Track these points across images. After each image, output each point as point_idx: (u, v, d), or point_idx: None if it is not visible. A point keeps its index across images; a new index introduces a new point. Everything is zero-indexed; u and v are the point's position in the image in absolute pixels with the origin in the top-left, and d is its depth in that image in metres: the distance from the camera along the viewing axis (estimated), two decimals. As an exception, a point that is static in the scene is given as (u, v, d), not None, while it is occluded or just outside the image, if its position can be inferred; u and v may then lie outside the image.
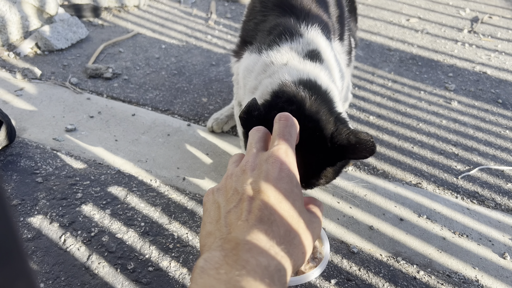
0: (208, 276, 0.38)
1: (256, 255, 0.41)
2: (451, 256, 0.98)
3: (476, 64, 1.92)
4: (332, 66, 0.93)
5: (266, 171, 0.49)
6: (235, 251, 0.41)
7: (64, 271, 0.87)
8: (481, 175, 1.24)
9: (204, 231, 0.48)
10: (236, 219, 0.46)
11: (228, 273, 0.38)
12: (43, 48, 1.72)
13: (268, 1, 1.00)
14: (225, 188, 0.51)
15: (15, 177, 1.08)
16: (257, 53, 0.93)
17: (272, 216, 0.45)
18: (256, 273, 0.39)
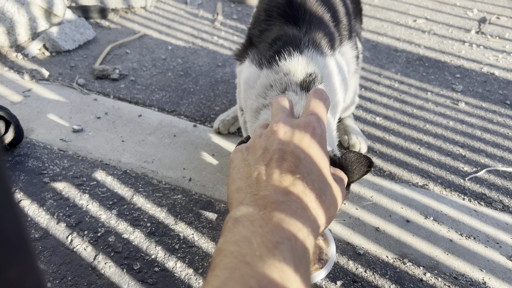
0: (243, 227, 0.39)
1: (292, 212, 0.42)
2: (458, 258, 0.97)
3: (484, 65, 1.90)
4: (332, 89, 0.90)
5: (299, 134, 0.50)
6: (271, 207, 0.41)
7: (71, 271, 0.87)
8: (489, 177, 1.24)
9: (234, 186, 0.49)
10: (267, 176, 0.46)
11: (263, 225, 0.39)
12: (50, 49, 1.73)
13: (273, 10, 0.98)
14: (254, 147, 0.52)
15: (22, 177, 1.09)
16: (257, 66, 0.91)
17: (306, 177, 0.46)
18: (294, 224, 0.40)
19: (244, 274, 0.34)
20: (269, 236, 0.38)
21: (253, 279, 0.34)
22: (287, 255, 0.37)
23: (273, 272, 0.35)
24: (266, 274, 0.34)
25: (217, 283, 0.35)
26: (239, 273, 0.35)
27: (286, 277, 0.35)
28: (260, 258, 0.35)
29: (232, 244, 0.38)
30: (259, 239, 0.37)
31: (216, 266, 0.37)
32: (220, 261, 0.37)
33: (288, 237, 0.39)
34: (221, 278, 0.35)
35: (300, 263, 0.38)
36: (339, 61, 0.99)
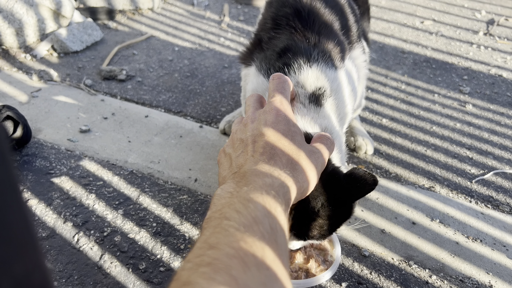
0: (224, 199, 0.47)
1: (262, 176, 0.50)
2: (465, 261, 0.96)
3: (492, 67, 1.89)
4: (341, 102, 0.89)
5: (264, 119, 0.58)
6: (244, 178, 0.50)
7: (77, 270, 0.88)
8: (496, 179, 1.23)
9: (220, 178, 0.57)
10: (244, 159, 0.55)
11: (238, 191, 0.47)
12: (58, 50, 1.75)
13: (281, 19, 0.95)
14: (232, 141, 0.61)
15: (30, 177, 1.10)
16: (265, 77, 0.90)
17: (273, 150, 0.54)
18: (262, 188, 0.47)
19: (224, 226, 0.42)
20: (244, 195, 0.46)
21: (232, 227, 0.41)
22: (259, 201, 0.46)
23: (247, 218, 0.43)
24: (242, 221, 0.42)
25: (202, 240, 0.41)
26: (220, 226, 0.42)
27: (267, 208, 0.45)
28: (237, 212, 0.44)
29: (215, 212, 0.46)
30: (236, 199, 0.46)
31: (203, 230, 0.45)
32: (206, 226, 0.45)
33: (257, 195, 0.47)
34: (205, 236, 0.42)
35: (277, 196, 0.47)
36: (348, 71, 0.98)
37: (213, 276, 0.35)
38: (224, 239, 0.40)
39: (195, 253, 0.40)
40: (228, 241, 0.39)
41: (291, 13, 0.94)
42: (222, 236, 0.40)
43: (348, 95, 0.93)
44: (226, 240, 0.40)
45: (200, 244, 0.41)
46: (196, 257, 0.39)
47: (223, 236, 0.40)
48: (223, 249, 0.38)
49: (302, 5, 0.94)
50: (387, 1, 2.65)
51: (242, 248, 0.39)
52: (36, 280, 0.22)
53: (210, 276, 0.35)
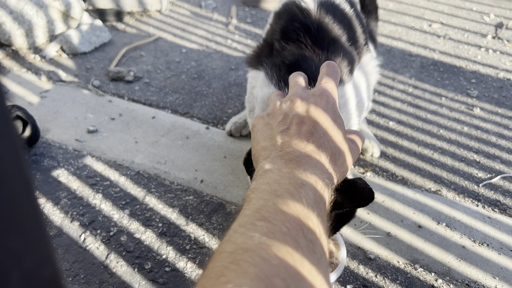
0: (273, 174, 0.48)
1: (312, 165, 0.50)
2: (471, 265, 0.96)
3: (500, 71, 1.88)
4: (347, 115, 0.91)
5: (315, 101, 0.57)
6: (293, 160, 0.50)
7: (84, 269, 0.89)
8: (503, 184, 1.22)
9: (259, 146, 0.56)
10: (289, 137, 0.54)
11: (290, 172, 0.47)
12: (67, 51, 1.77)
13: (290, 33, 0.95)
14: (274, 113, 0.60)
15: (38, 176, 1.11)
16: (276, 88, 0.92)
17: (321, 139, 0.54)
18: (314, 174, 0.48)
19: (276, 203, 0.42)
20: (295, 180, 0.46)
21: (285, 206, 0.42)
22: (309, 194, 0.45)
23: (299, 204, 0.43)
24: (295, 204, 0.43)
25: (253, 209, 0.42)
26: (272, 202, 0.43)
27: (309, 209, 0.44)
28: (289, 193, 0.44)
29: (264, 184, 0.46)
30: (287, 180, 0.46)
31: (251, 199, 0.45)
32: (254, 196, 0.45)
33: (310, 183, 0.47)
34: (256, 206, 0.43)
35: (319, 202, 0.47)
36: (356, 83, 0.98)
37: (270, 247, 0.37)
38: (278, 216, 0.41)
39: (246, 220, 0.41)
40: (281, 219, 0.41)
41: (301, 28, 0.94)
42: (274, 212, 0.41)
43: (354, 109, 0.95)
44: (280, 218, 0.41)
45: (250, 212, 0.42)
46: (249, 224, 0.40)
47: (276, 212, 0.41)
48: (276, 224, 0.40)
49: (311, 21, 0.95)
50: (395, 4, 2.64)
51: (295, 229, 0.40)
52: (46, 274, 0.23)
53: (268, 247, 0.37)
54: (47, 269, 0.23)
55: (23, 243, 0.21)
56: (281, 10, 1.05)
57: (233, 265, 0.35)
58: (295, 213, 0.42)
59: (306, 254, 0.39)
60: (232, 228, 0.41)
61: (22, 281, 0.20)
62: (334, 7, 1.00)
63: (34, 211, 0.22)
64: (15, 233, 0.20)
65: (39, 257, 0.22)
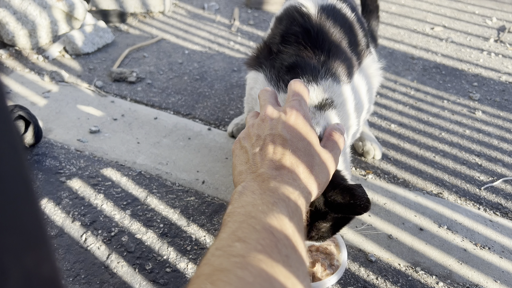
0: (246, 196, 0.50)
1: (284, 182, 0.52)
2: (472, 268, 0.96)
3: (502, 74, 1.88)
4: (345, 115, 0.92)
5: (284, 119, 0.59)
6: (267, 181, 0.52)
7: (84, 269, 0.89)
8: (505, 187, 1.22)
9: (236, 171, 0.59)
10: (262, 158, 0.56)
11: (262, 193, 0.49)
12: (70, 52, 1.77)
13: (290, 37, 0.96)
14: (249, 135, 0.61)
15: (40, 176, 1.12)
16: (275, 89, 0.92)
17: (292, 157, 0.55)
18: (286, 189, 0.50)
19: (251, 223, 0.44)
20: (268, 199, 0.48)
21: (258, 225, 0.44)
22: (283, 210, 0.47)
23: (273, 220, 0.45)
24: (268, 222, 0.45)
25: (229, 232, 0.44)
26: (246, 223, 0.44)
27: (283, 223, 0.46)
28: (262, 212, 0.46)
29: (239, 207, 0.48)
30: (259, 201, 0.48)
31: (227, 223, 0.46)
32: (230, 219, 0.46)
33: (282, 199, 0.49)
34: (232, 228, 0.44)
35: (293, 215, 0.48)
36: (356, 85, 0.99)
37: (245, 266, 0.39)
38: (252, 235, 0.42)
39: (223, 242, 0.43)
40: (256, 238, 0.42)
41: (301, 32, 0.95)
42: (249, 232, 0.43)
43: (353, 110, 0.95)
44: (254, 237, 0.42)
45: (226, 235, 0.44)
46: (226, 246, 0.42)
47: (250, 232, 0.43)
48: (251, 243, 0.41)
49: (312, 24, 0.95)
50: (397, 7, 2.64)
51: (270, 246, 0.42)
52: (45, 272, 0.23)
53: (243, 266, 0.39)
54: (47, 267, 0.23)
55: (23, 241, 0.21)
56: (282, 14, 1.06)
57: (210, 285, 0.37)
58: (268, 230, 0.44)
59: (282, 268, 0.41)
60: (209, 252, 0.42)
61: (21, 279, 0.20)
62: (335, 11, 1.01)
63: (34, 210, 0.22)
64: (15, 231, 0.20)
65: (38, 256, 0.22)
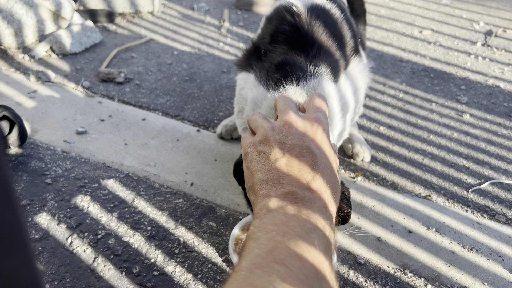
0: (278, 214, 0.46)
1: (319, 208, 0.48)
2: (460, 270, 0.96)
3: (489, 78, 1.90)
4: (330, 114, 0.93)
5: (313, 131, 0.55)
6: (300, 202, 0.47)
7: (70, 273, 0.87)
8: (492, 189, 1.23)
9: (256, 178, 0.53)
10: (288, 172, 0.51)
11: (296, 215, 0.45)
12: (57, 52, 1.75)
13: (279, 36, 0.98)
14: (267, 140, 0.55)
15: (25, 177, 1.09)
16: (265, 87, 0.94)
17: (323, 173, 0.52)
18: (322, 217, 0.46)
19: (289, 245, 0.40)
20: (304, 223, 0.44)
21: (299, 250, 0.40)
22: (320, 240, 0.44)
23: (311, 251, 0.41)
24: (307, 251, 0.41)
25: (266, 249, 0.40)
26: (284, 244, 0.41)
27: (320, 258, 0.42)
28: (300, 236, 0.42)
29: (270, 225, 0.44)
30: (295, 223, 0.44)
31: (259, 237, 0.43)
32: (262, 235, 0.43)
33: (319, 228, 0.45)
34: (268, 246, 0.41)
35: (327, 250, 0.44)
36: (342, 85, 1.00)
37: None
38: (292, 261, 0.40)
39: (260, 260, 0.40)
40: (297, 264, 0.39)
41: (290, 31, 0.97)
42: (288, 254, 0.40)
43: (338, 110, 0.96)
44: (296, 263, 0.39)
45: (262, 253, 0.41)
46: (265, 266, 0.39)
47: (291, 257, 0.40)
48: (294, 271, 0.39)
49: (301, 23, 0.97)
50: (386, 10, 2.66)
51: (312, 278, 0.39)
52: (26, 278, 0.22)
53: None
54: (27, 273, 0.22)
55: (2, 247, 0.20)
56: (272, 14, 1.07)
57: None
58: (310, 259, 0.40)
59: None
60: (245, 267, 0.39)
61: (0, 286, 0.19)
62: (325, 11, 1.02)
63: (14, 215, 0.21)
64: None
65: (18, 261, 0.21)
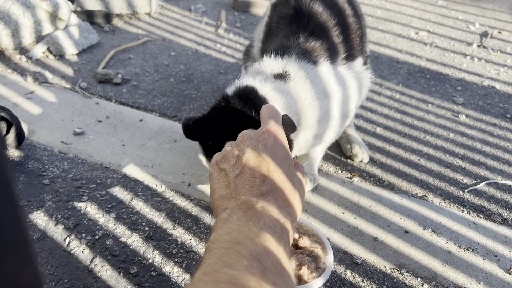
0: (232, 223, 0.48)
1: (268, 209, 0.51)
2: (456, 270, 0.97)
3: (485, 79, 1.91)
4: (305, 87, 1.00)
5: (263, 140, 0.58)
6: (251, 208, 0.50)
7: (68, 273, 0.87)
8: (488, 190, 1.23)
9: (216, 195, 0.57)
10: (243, 183, 0.54)
11: (247, 220, 0.48)
12: (54, 53, 1.75)
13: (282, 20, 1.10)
14: (227, 157, 0.60)
15: (22, 178, 1.09)
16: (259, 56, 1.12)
17: (273, 182, 0.55)
18: (269, 226, 0.48)
19: (238, 249, 0.43)
20: (254, 225, 0.47)
21: (246, 251, 0.43)
22: (269, 235, 0.47)
23: (259, 247, 0.44)
24: (255, 248, 0.43)
25: (215, 258, 0.42)
26: (233, 249, 0.43)
27: (270, 250, 0.45)
28: (249, 239, 0.44)
29: (223, 234, 0.47)
30: (245, 227, 0.47)
31: (212, 249, 0.45)
32: (215, 246, 0.45)
33: (268, 224, 0.48)
34: (218, 255, 0.43)
35: (280, 240, 0.47)
36: (322, 72, 1.04)
37: None
38: (240, 262, 0.42)
39: (209, 268, 0.42)
40: (244, 264, 0.41)
41: (292, 14, 1.08)
42: (236, 258, 0.42)
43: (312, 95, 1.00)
44: (242, 263, 0.41)
45: (212, 261, 0.42)
46: (213, 272, 0.41)
47: (238, 258, 0.42)
48: (240, 270, 0.40)
49: (302, 7, 1.08)
50: (383, 11, 2.67)
51: (258, 273, 0.41)
52: (26, 278, 0.22)
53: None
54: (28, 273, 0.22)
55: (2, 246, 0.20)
56: (277, 1, 1.18)
57: None
58: (255, 257, 0.43)
59: None
60: (196, 277, 0.41)
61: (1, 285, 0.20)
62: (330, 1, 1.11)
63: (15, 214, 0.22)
64: None
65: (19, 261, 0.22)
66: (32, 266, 0.23)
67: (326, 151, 1.32)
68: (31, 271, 0.22)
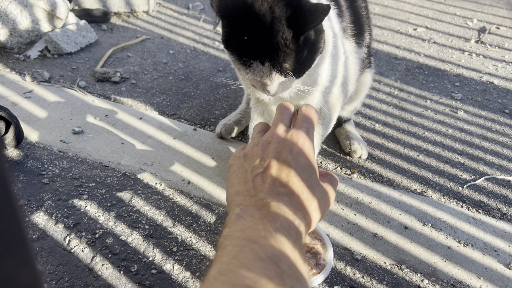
0: (245, 220, 0.48)
1: (284, 210, 0.50)
2: (456, 265, 0.97)
3: (483, 74, 1.91)
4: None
5: (290, 145, 0.57)
6: (264, 207, 0.50)
7: (68, 272, 0.87)
8: (487, 185, 1.24)
9: (233, 189, 0.57)
10: (262, 182, 0.54)
11: (262, 219, 0.47)
12: (52, 52, 1.74)
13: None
14: (251, 155, 0.59)
15: (21, 177, 1.09)
16: None
17: (296, 184, 0.54)
18: (284, 227, 0.48)
19: (253, 248, 0.42)
20: (269, 224, 0.46)
21: (262, 252, 0.42)
22: (285, 236, 0.46)
23: (276, 249, 0.43)
24: (271, 248, 0.43)
25: (231, 256, 0.42)
26: (249, 247, 0.42)
27: (286, 253, 0.44)
28: (264, 238, 0.44)
29: (237, 231, 0.46)
30: (261, 226, 0.46)
31: (226, 246, 0.44)
32: (229, 243, 0.44)
33: (284, 225, 0.48)
34: (232, 253, 0.42)
35: (295, 243, 0.47)
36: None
37: None
38: (257, 263, 0.41)
39: (225, 267, 0.41)
40: (261, 266, 0.41)
41: None
42: (253, 259, 0.41)
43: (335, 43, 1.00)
44: (259, 265, 0.41)
45: (228, 259, 0.42)
46: (229, 272, 0.40)
47: (255, 260, 0.41)
48: (257, 272, 0.40)
49: None
50: (381, 8, 2.67)
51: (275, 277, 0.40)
52: (25, 277, 0.22)
53: None
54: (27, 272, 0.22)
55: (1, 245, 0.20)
56: None
57: None
58: (272, 259, 0.42)
59: None
60: (211, 275, 0.41)
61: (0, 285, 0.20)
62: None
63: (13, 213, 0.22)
64: None
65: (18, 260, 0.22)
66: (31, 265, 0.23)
67: (325, 147, 1.33)
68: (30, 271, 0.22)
